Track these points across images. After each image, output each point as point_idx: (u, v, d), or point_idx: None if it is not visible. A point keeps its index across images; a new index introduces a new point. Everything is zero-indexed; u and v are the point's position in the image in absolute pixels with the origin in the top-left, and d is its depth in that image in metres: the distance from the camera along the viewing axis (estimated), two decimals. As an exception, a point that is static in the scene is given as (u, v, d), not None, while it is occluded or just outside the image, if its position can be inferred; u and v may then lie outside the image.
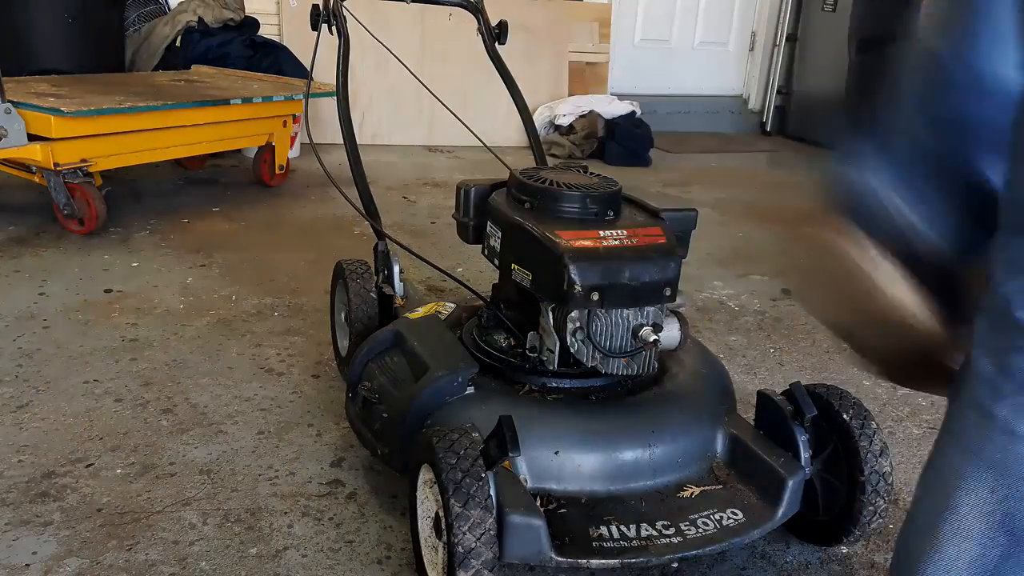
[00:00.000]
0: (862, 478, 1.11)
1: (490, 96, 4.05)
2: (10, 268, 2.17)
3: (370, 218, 1.54)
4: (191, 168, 3.34)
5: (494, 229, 1.25)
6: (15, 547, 1.13)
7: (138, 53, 3.64)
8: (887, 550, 1.25)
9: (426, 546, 1.07)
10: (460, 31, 3.91)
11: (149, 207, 2.81)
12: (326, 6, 1.58)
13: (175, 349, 1.77)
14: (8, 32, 3.17)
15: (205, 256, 2.36)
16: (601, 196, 1.18)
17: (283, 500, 1.28)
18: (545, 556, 0.99)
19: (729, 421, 1.21)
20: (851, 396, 1.17)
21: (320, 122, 3.89)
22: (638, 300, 1.11)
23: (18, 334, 1.79)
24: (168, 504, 1.25)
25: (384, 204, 2.78)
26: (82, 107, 2.22)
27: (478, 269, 2.38)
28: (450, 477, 0.94)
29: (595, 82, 4.85)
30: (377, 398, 1.26)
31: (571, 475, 1.10)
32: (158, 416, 1.50)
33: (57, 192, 2.35)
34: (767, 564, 1.20)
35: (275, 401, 1.58)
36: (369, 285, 1.53)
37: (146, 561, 1.12)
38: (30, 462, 1.33)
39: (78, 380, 1.61)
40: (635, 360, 1.14)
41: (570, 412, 1.17)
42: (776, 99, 5.38)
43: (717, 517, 1.09)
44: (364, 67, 4.04)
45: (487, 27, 1.82)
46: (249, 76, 3.29)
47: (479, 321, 1.36)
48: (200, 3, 3.58)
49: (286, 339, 1.85)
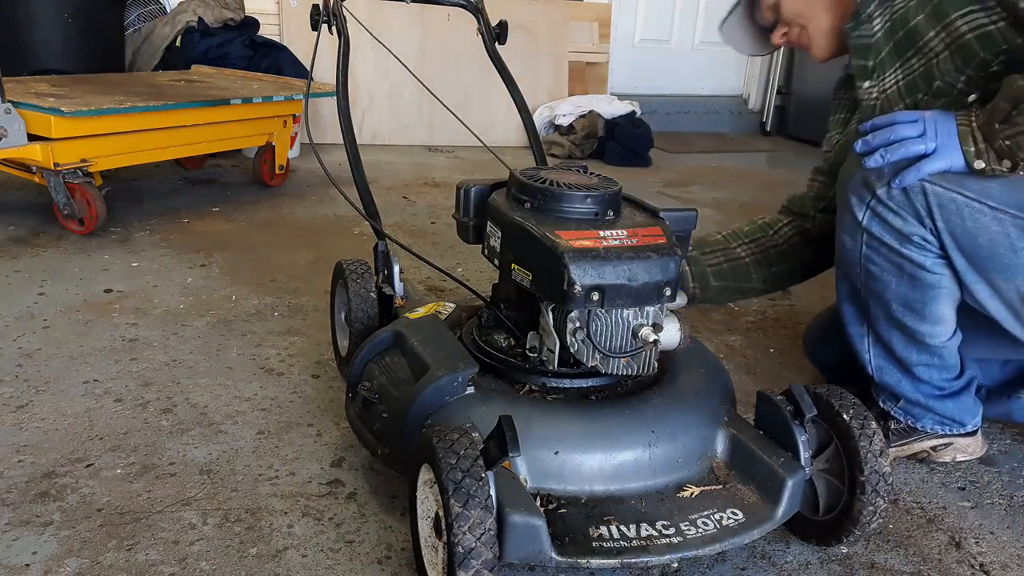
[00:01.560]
0: (862, 478, 1.11)
1: (490, 96, 4.06)
2: (10, 268, 2.17)
3: (370, 218, 1.53)
4: (191, 168, 3.34)
5: (494, 229, 1.25)
6: (15, 547, 1.13)
7: (138, 53, 3.64)
8: (887, 550, 1.25)
9: (426, 546, 1.07)
10: (460, 31, 3.92)
11: (149, 207, 2.81)
12: (326, 6, 1.58)
13: (175, 349, 1.77)
14: (8, 32, 3.17)
15: (205, 256, 2.36)
16: (601, 196, 1.18)
17: (283, 500, 1.28)
18: (545, 556, 0.99)
19: (729, 421, 1.21)
20: (851, 396, 1.17)
21: (320, 122, 3.89)
22: (638, 300, 1.11)
23: (18, 334, 1.79)
24: (168, 504, 1.25)
25: (384, 204, 2.78)
26: (82, 107, 2.22)
27: (478, 269, 2.38)
28: (450, 477, 0.94)
29: (595, 82, 4.85)
30: (377, 398, 1.26)
31: (571, 475, 1.10)
32: (158, 416, 1.50)
33: (57, 192, 2.35)
34: (767, 564, 1.20)
35: (275, 401, 1.58)
36: (369, 285, 1.53)
37: (146, 561, 1.12)
38: (30, 462, 1.33)
39: (78, 380, 1.61)
40: (635, 360, 1.14)
41: (570, 412, 1.17)
42: (776, 99, 5.38)
43: (717, 517, 1.09)
44: (364, 67, 4.04)
45: (487, 27, 1.82)
46: (249, 76, 3.29)
47: (479, 321, 1.36)
48: (200, 3, 3.59)
49: (286, 339, 1.85)
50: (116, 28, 3.54)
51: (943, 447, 1.47)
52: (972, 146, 1.16)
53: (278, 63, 3.59)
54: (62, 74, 3.07)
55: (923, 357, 1.38)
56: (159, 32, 3.61)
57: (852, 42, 1.45)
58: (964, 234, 1.23)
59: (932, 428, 1.46)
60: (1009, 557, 1.26)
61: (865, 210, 1.28)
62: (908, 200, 1.24)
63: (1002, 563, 1.24)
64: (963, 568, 1.22)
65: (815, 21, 1.53)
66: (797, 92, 5.26)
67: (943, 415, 1.44)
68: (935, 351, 1.37)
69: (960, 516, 1.35)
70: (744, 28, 1.68)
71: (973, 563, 1.24)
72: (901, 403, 1.46)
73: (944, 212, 1.22)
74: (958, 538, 1.29)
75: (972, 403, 1.45)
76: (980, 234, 1.22)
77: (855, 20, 1.44)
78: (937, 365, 1.39)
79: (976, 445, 1.49)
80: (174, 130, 2.61)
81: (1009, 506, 1.39)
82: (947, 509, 1.37)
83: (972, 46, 1.26)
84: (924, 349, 1.37)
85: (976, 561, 1.24)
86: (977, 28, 1.25)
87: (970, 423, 1.46)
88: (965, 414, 1.44)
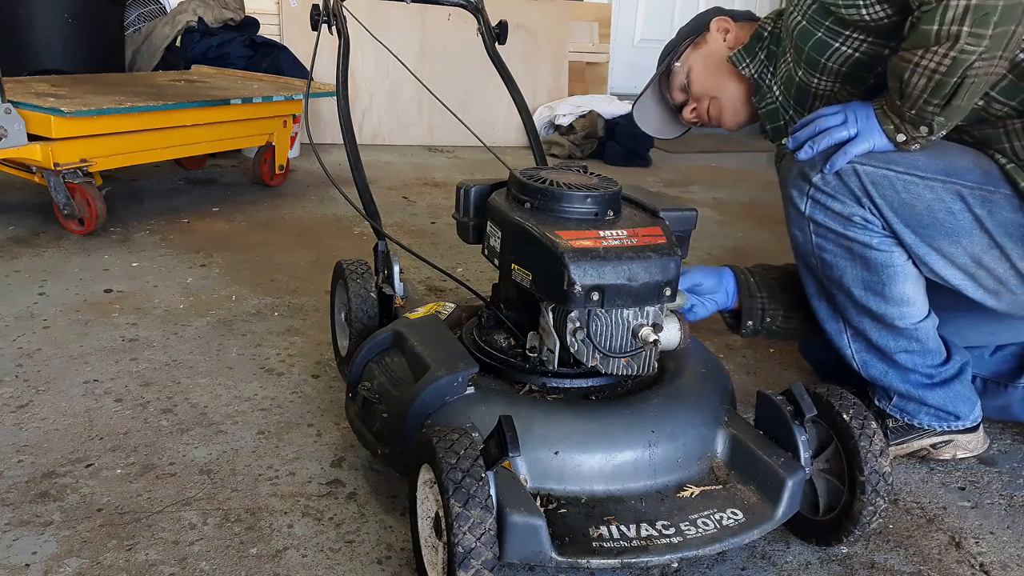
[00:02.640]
0: (862, 478, 1.11)
1: (490, 96, 4.06)
2: (10, 268, 2.17)
3: (370, 218, 1.54)
4: (191, 168, 3.34)
5: (494, 229, 1.25)
6: (15, 547, 1.13)
7: (138, 53, 3.64)
8: (887, 550, 1.25)
9: (426, 546, 1.07)
10: (460, 31, 3.92)
11: (149, 207, 2.81)
12: (326, 6, 1.58)
13: (175, 349, 1.77)
14: (8, 32, 3.17)
15: (205, 256, 2.36)
16: (601, 196, 1.18)
17: (283, 500, 1.28)
18: (545, 556, 0.99)
19: (729, 421, 1.21)
20: (851, 396, 1.17)
21: (320, 122, 3.89)
22: (638, 300, 1.11)
23: (18, 334, 1.79)
24: (168, 504, 1.25)
25: (384, 204, 2.78)
26: (82, 107, 2.22)
27: (478, 269, 2.38)
28: (450, 477, 0.94)
29: (595, 82, 4.86)
30: (377, 398, 1.26)
31: (571, 475, 1.10)
32: (158, 416, 1.50)
33: (57, 192, 2.35)
34: (767, 564, 1.20)
35: (275, 401, 1.58)
36: (369, 285, 1.53)
37: (146, 561, 1.12)
38: (30, 462, 1.33)
39: (78, 380, 1.61)
40: (635, 360, 1.14)
41: (570, 412, 1.17)
42: (776, 99, 5.37)
43: (717, 517, 1.09)
44: (364, 67, 4.04)
45: (487, 27, 1.82)
46: (249, 76, 3.29)
47: (479, 321, 1.36)
48: (200, 3, 3.59)
49: (286, 339, 1.85)
50: (116, 28, 3.54)
51: (943, 444, 1.47)
52: (890, 123, 1.28)
53: (278, 63, 3.59)
54: (62, 74, 3.07)
55: (900, 342, 1.40)
56: (159, 32, 3.61)
57: (762, 111, 1.61)
58: (902, 207, 1.30)
59: (929, 424, 1.46)
60: (1009, 557, 1.26)
61: (805, 200, 1.36)
62: (843, 183, 1.32)
63: (1002, 563, 1.24)
64: (963, 568, 1.22)
65: (727, 91, 1.67)
66: (797, 92, 5.26)
67: (936, 407, 1.44)
68: (910, 334, 1.38)
69: (960, 516, 1.35)
70: (656, 111, 1.84)
71: (973, 563, 1.24)
72: (894, 400, 1.47)
73: (879, 189, 1.29)
74: (958, 538, 1.29)
75: (967, 392, 1.44)
76: (917, 203, 1.29)
77: (758, 93, 1.61)
78: (917, 350, 1.40)
79: (977, 441, 1.49)
80: (174, 130, 2.60)
81: (1009, 506, 1.39)
82: (947, 509, 1.37)
83: (854, 75, 1.40)
84: (898, 333, 1.39)
85: (976, 561, 1.24)
86: (847, 60, 1.38)
87: (967, 416, 1.45)
88: (959, 404, 1.44)
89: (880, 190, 1.29)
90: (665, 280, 1.11)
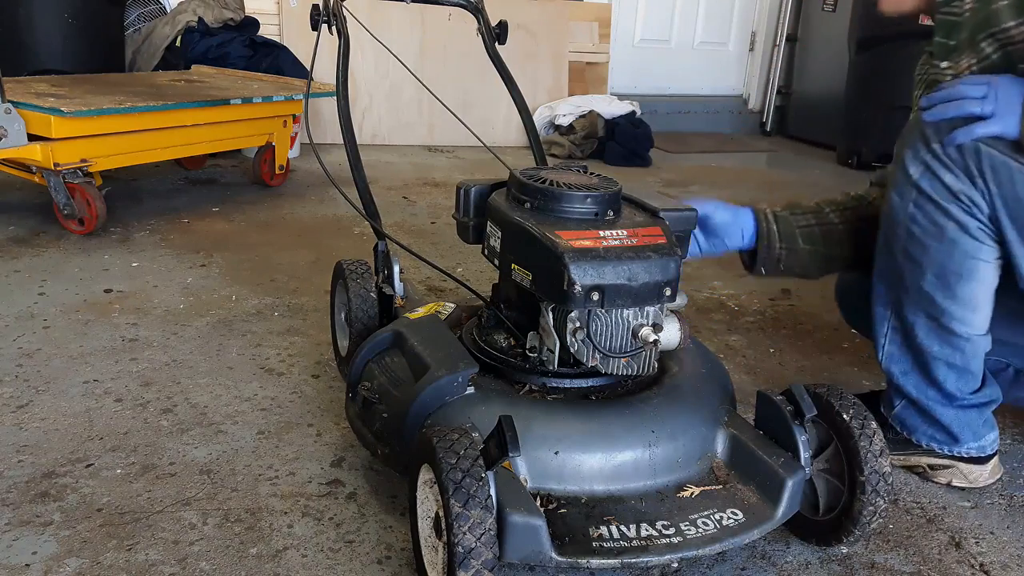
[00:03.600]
0: (862, 478, 1.11)
1: (490, 96, 4.06)
2: (10, 268, 2.17)
3: (370, 218, 1.54)
4: (191, 168, 3.34)
5: (494, 229, 1.25)
6: (15, 547, 1.13)
7: (138, 53, 3.64)
8: (887, 550, 1.25)
9: (426, 546, 1.07)
10: (460, 31, 3.92)
11: (149, 207, 2.81)
12: (326, 6, 1.58)
13: (175, 349, 1.77)
14: (8, 32, 3.17)
15: (205, 256, 2.36)
16: (601, 196, 1.18)
17: (283, 500, 1.28)
18: (545, 556, 0.99)
19: (729, 421, 1.21)
20: (851, 396, 1.17)
21: (320, 122, 3.89)
22: (638, 300, 1.11)
23: (18, 334, 1.79)
24: (168, 504, 1.25)
25: (384, 204, 2.78)
26: (82, 107, 2.22)
27: (478, 269, 2.38)
28: (450, 477, 0.94)
29: (595, 82, 4.85)
30: (377, 398, 1.26)
31: (571, 475, 1.10)
32: (158, 416, 1.50)
33: (57, 192, 2.35)
34: (767, 564, 1.20)
35: (275, 401, 1.58)
36: (369, 285, 1.53)
37: (146, 561, 1.12)
38: (30, 462, 1.33)
39: (78, 380, 1.61)
40: (635, 360, 1.14)
41: (570, 412, 1.17)
42: (776, 99, 5.38)
43: (717, 517, 1.09)
44: (364, 67, 4.04)
45: (487, 27, 1.82)
46: (249, 76, 3.28)
47: (479, 321, 1.36)
48: (200, 3, 3.58)
49: (286, 339, 1.85)
50: (116, 28, 3.53)
51: (941, 468, 1.43)
52: None
53: (278, 63, 3.59)
54: (62, 74, 3.07)
55: (945, 350, 1.32)
56: (159, 32, 3.61)
57: (939, 17, 1.40)
58: (1016, 202, 1.21)
59: (927, 444, 1.41)
60: (1009, 557, 1.26)
61: (919, 164, 1.27)
62: (962, 158, 1.22)
63: (1002, 563, 1.24)
64: (963, 568, 1.22)
65: None
66: (797, 92, 5.26)
67: (941, 423, 1.38)
68: (959, 345, 1.31)
69: (960, 516, 1.35)
70: None
71: (973, 563, 1.24)
72: (897, 409, 1.42)
73: (996, 176, 1.21)
74: (958, 538, 1.29)
75: (980, 423, 1.38)
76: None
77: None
78: (958, 366, 1.33)
79: (982, 474, 1.42)
80: (174, 130, 2.61)
81: (1009, 506, 1.39)
82: (947, 509, 1.37)
83: None
84: (947, 340, 1.31)
85: (976, 561, 1.24)
86: None
87: (967, 444, 1.39)
88: (964, 430, 1.38)
89: (997, 177, 1.21)
90: (665, 280, 1.11)
